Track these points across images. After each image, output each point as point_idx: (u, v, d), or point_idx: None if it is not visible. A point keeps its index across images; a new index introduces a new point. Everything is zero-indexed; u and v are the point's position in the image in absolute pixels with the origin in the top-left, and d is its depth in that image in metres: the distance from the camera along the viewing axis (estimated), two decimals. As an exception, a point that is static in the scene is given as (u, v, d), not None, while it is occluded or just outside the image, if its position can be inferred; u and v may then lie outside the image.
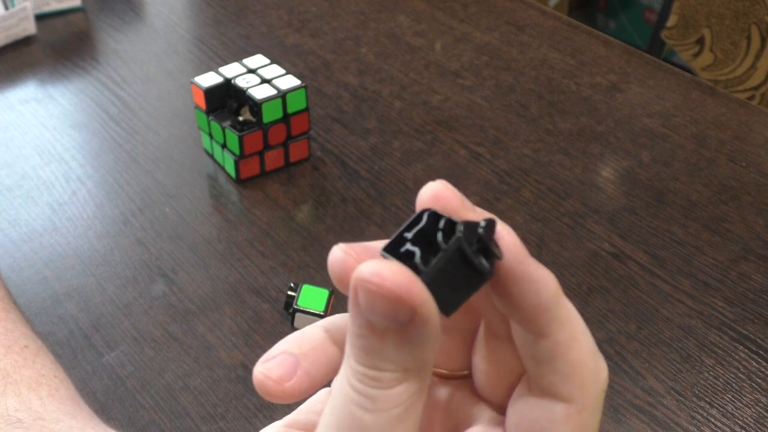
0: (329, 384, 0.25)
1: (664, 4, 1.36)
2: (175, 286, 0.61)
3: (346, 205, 0.67)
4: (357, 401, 0.23)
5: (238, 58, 0.71)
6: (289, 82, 0.67)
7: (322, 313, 0.55)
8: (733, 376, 0.53)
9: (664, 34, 1.32)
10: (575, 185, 0.69)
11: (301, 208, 0.67)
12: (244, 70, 0.69)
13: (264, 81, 0.67)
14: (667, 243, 0.63)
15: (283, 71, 0.68)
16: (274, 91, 0.66)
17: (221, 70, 0.69)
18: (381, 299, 0.21)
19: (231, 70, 0.69)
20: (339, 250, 0.24)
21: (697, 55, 1.28)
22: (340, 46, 0.87)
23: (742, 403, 0.51)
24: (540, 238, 0.64)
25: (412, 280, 0.21)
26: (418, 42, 0.87)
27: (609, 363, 0.43)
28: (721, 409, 0.51)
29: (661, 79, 0.81)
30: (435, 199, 0.24)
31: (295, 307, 0.56)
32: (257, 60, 0.70)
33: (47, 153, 0.73)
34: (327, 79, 0.82)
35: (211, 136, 0.70)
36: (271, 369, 0.26)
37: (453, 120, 0.76)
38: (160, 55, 0.86)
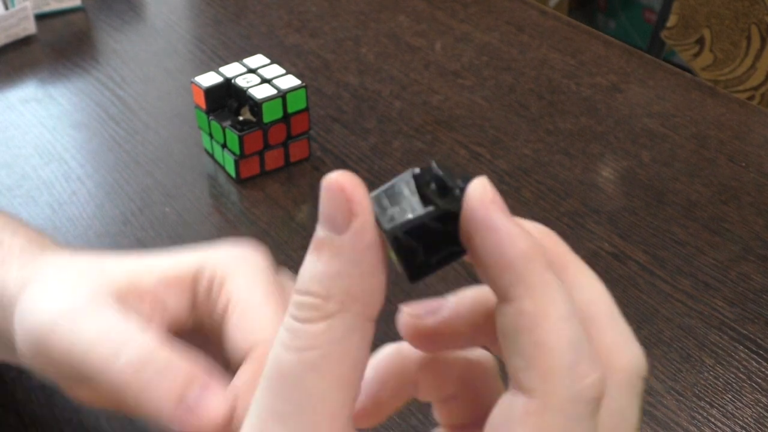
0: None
1: (664, 4, 1.36)
2: (175, 286, 0.61)
3: (346, 205, 0.67)
4: (280, 337, 0.22)
5: (238, 58, 0.71)
6: (289, 81, 0.67)
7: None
8: (733, 376, 0.53)
9: (664, 34, 1.32)
10: (575, 185, 0.69)
11: (301, 208, 0.67)
12: (244, 69, 0.69)
13: (264, 81, 0.67)
14: (667, 243, 0.63)
15: (283, 71, 0.68)
16: (274, 91, 0.66)
17: (221, 69, 0.69)
18: (326, 196, 0.22)
19: (231, 69, 0.69)
20: (407, 316, 0.26)
21: (697, 55, 1.28)
22: (340, 46, 0.87)
23: (743, 403, 0.51)
24: (540, 238, 0.64)
25: (358, 185, 0.22)
26: (418, 42, 0.87)
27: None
28: (722, 409, 0.51)
29: (661, 79, 0.81)
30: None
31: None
32: (257, 60, 0.70)
33: (47, 153, 0.73)
34: (327, 79, 0.82)
35: (211, 135, 0.70)
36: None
37: (453, 120, 0.76)
38: (160, 55, 0.86)
